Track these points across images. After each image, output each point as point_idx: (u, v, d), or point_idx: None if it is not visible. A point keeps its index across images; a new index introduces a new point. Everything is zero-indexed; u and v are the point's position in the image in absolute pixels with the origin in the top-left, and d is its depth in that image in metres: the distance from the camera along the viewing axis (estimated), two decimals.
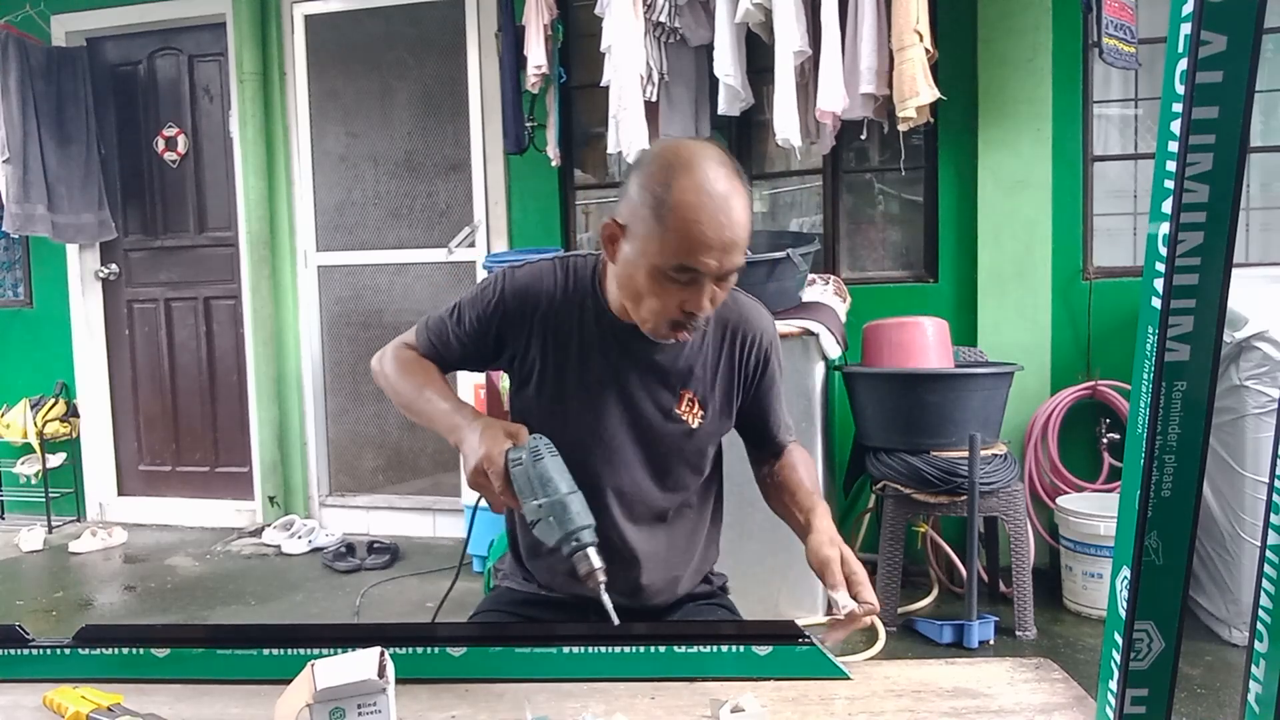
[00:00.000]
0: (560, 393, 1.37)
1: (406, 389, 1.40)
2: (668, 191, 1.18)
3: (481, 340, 1.39)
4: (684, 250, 1.18)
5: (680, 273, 1.20)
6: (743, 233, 1.21)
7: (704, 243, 1.18)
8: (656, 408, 1.38)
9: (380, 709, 0.95)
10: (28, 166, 4.25)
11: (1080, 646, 2.89)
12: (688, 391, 1.38)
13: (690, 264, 1.19)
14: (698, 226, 1.17)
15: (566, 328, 1.36)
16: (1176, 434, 0.75)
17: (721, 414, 1.42)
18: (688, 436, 1.40)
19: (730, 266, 1.21)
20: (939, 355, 3.08)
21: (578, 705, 1.09)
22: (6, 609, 3.56)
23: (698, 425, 1.39)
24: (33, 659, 1.19)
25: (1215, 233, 0.70)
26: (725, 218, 1.18)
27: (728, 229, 1.18)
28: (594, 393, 1.36)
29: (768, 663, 1.16)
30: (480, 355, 1.42)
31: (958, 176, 3.57)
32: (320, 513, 4.47)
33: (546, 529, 1.18)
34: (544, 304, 1.36)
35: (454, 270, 4.29)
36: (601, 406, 1.37)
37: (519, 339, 1.37)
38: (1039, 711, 1.06)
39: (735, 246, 1.20)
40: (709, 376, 1.40)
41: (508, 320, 1.37)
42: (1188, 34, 0.67)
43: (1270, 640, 0.81)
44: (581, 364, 1.36)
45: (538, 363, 1.37)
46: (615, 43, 3.19)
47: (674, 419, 1.38)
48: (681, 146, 1.24)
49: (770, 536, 2.82)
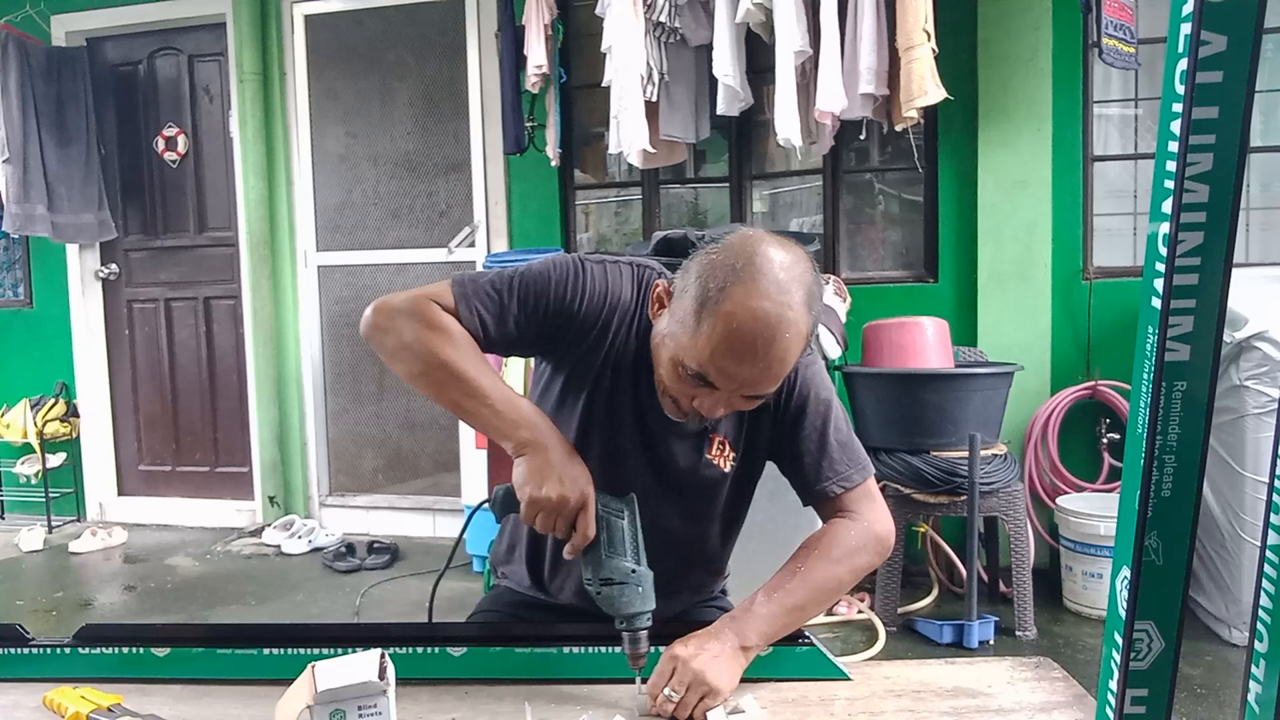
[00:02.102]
0: (601, 411, 1.26)
1: (443, 361, 1.15)
2: (721, 292, 1.06)
3: (545, 330, 1.22)
4: (707, 363, 1.08)
5: (697, 378, 1.11)
6: (778, 368, 1.09)
7: (727, 369, 1.08)
8: (686, 449, 1.28)
9: (381, 710, 0.95)
10: (28, 166, 4.25)
11: (1080, 646, 2.89)
12: (717, 435, 1.28)
13: (709, 378, 1.10)
14: (731, 350, 1.06)
15: (622, 347, 1.24)
16: (1176, 434, 0.75)
17: (751, 453, 1.31)
18: (720, 481, 1.30)
19: (754, 394, 1.12)
20: (939, 355, 3.07)
21: (577, 706, 1.09)
22: (6, 609, 3.56)
23: (729, 469, 1.29)
24: (33, 658, 1.19)
25: (1215, 233, 0.70)
26: (763, 350, 1.06)
27: (760, 363, 1.07)
28: (627, 422, 1.26)
29: (768, 663, 1.16)
30: (532, 346, 1.26)
31: (958, 176, 3.57)
32: (320, 513, 4.47)
33: (622, 594, 1.11)
34: (616, 315, 1.23)
35: (454, 270, 4.28)
36: (632, 439, 1.27)
37: (582, 343, 1.23)
38: (1039, 711, 1.06)
39: (765, 380, 1.10)
40: (741, 419, 1.29)
41: (583, 319, 1.22)
42: (1188, 34, 0.67)
43: (1270, 640, 0.81)
44: (616, 389, 1.25)
45: (591, 377, 1.25)
46: (615, 43, 3.19)
47: (704, 463, 1.28)
48: (761, 244, 1.09)
49: (770, 536, 2.82)
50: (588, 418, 1.27)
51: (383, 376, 4.45)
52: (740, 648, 1.13)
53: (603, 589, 1.12)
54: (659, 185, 4.00)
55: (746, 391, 1.11)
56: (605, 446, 1.26)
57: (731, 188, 3.92)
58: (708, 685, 1.07)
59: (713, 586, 1.50)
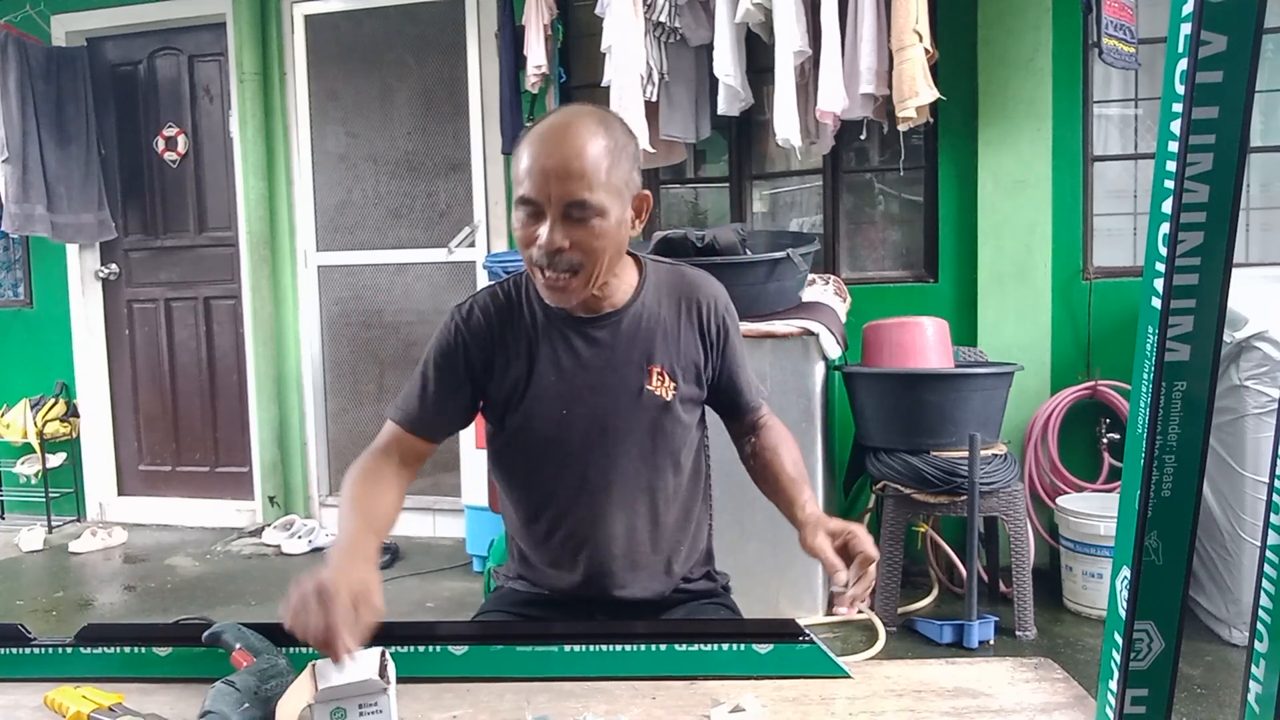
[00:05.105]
0: (535, 395, 1.37)
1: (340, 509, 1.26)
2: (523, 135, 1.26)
3: (454, 381, 1.37)
4: (520, 177, 1.23)
5: (524, 205, 1.24)
6: (578, 163, 1.21)
7: (534, 167, 1.21)
8: (626, 386, 1.38)
9: (381, 709, 0.96)
10: (27, 166, 4.25)
11: (1080, 646, 2.89)
12: (654, 366, 1.39)
13: (524, 192, 1.23)
14: (531, 152, 1.22)
15: (523, 334, 1.38)
16: (1176, 434, 0.75)
17: (693, 383, 1.43)
18: (665, 410, 1.40)
19: (569, 196, 1.21)
20: (939, 355, 3.08)
21: (579, 705, 1.09)
22: (6, 609, 3.56)
23: (671, 397, 1.40)
24: (34, 658, 1.19)
25: (1215, 233, 0.70)
26: (558, 146, 1.21)
27: (557, 155, 1.21)
28: (564, 386, 1.37)
29: (768, 661, 1.16)
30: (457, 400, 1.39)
31: (958, 176, 3.57)
32: (320, 513, 4.47)
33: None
34: (496, 323, 1.38)
35: (454, 270, 4.29)
36: (575, 397, 1.37)
37: (492, 366, 1.38)
38: (1039, 711, 1.06)
39: (569, 175, 1.21)
40: (672, 347, 1.40)
41: (473, 346, 1.37)
42: (1188, 34, 0.67)
43: (1270, 640, 0.81)
44: (544, 363, 1.37)
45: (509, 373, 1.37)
46: (615, 43, 3.19)
47: (646, 395, 1.38)
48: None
49: (770, 536, 2.82)
50: (534, 394, 1.37)
51: (383, 376, 4.46)
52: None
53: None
54: (659, 185, 4.00)
55: (561, 195, 1.21)
56: (561, 404, 1.37)
57: (731, 188, 3.92)
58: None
59: (700, 572, 1.52)
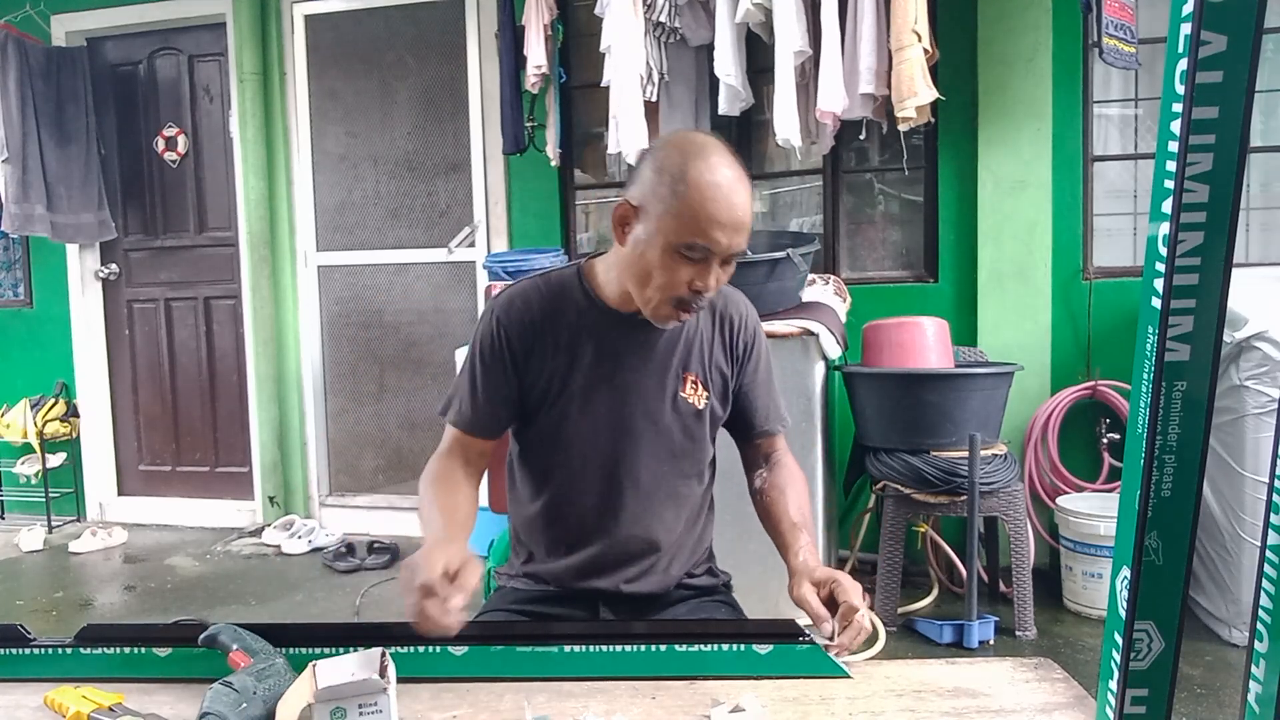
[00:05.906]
0: (573, 390, 1.40)
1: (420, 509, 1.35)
2: (684, 172, 1.26)
3: (501, 375, 1.40)
4: (697, 227, 1.25)
5: (691, 250, 1.27)
6: (748, 216, 1.29)
7: (716, 220, 1.25)
8: (663, 391, 1.42)
9: (381, 709, 0.96)
10: (27, 166, 4.24)
11: (1080, 646, 2.89)
12: (690, 374, 1.43)
13: (703, 241, 1.26)
14: (712, 204, 1.25)
15: (566, 328, 1.40)
16: (1176, 434, 0.75)
17: (721, 395, 1.47)
18: (697, 418, 1.44)
19: (737, 247, 1.29)
20: (939, 355, 3.08)
21: (579, 705, 1.09)
22: (6, 609, 3.56)
23: (704, 405, 1.44)
24: (34, 658, 1.19)
25: (1215, 233, 0.70)
26: (736, 199, 1.27)
27: (739, 209, 1.27)
28: (603, 383, 1.40)
29: (768, 661, 1.16)
30: (507, 393, 1.41)
31: (958, 176, 3.57)
32: (320, 513, 4.47)
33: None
34: (539, 315, 1.40)
35: (454, 270, 4.29)
36: (612, 396, 1.40)
37: (531, 356, 1.40)
38: (1039, 711, 1.06)
39: (743, 228, 1.29)
40: (706, 358, 1.45)
41: (514, 336, 1.39)
42: (1188, 34, 0.67)
43: (1270, 640, 0.81)
44: (586, 358, 1.39)
45: (547, 364, 1.40)
46: (615, 43, 3.19)
47: (680, 401, 1.42)
48: (695, 135, 1.34)
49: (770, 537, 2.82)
50: (571, 391, 1.40)
51: (383, 376, 4.45)
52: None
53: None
54: None
55: (733, 247, 1.28)
56: (596, 403, 1.40)
57: None
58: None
59: (702, 569, 1.54)
